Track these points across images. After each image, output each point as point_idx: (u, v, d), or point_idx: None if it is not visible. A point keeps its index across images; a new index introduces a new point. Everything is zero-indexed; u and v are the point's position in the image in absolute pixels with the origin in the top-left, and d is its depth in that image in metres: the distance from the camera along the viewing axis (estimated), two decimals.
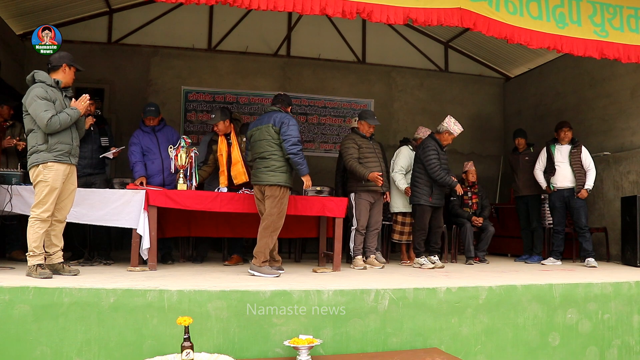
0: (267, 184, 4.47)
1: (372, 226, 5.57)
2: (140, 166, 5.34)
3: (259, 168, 4.54)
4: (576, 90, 7.78)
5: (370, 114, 5.70)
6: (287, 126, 4.47)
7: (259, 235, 4.48)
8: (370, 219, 5.53)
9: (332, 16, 4.59)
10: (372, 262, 5.49)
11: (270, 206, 4.45)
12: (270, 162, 4.48)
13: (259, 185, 4.56)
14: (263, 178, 4.48)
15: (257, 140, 4.60)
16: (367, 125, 5.58)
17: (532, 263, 6.32)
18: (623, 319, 4.20)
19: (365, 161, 5.45)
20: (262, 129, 4.57)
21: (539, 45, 5.01)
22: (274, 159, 4.49)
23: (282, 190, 4.48)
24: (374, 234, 5.61)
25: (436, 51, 9.39)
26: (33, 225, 3.84)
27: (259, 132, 4.59)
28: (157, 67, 8.24)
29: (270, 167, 4.48)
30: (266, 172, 4.48)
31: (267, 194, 4.49)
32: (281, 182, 4.46)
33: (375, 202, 5.56)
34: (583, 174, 6.14)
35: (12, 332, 3.17)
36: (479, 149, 9.24)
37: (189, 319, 3.00)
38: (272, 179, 4.46)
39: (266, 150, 4.51)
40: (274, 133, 4.50)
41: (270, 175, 4.46)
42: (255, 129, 4.65)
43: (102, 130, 5.36)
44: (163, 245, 5.27)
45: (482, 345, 3.80)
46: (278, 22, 8.58)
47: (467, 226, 6.40)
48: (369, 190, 5.45)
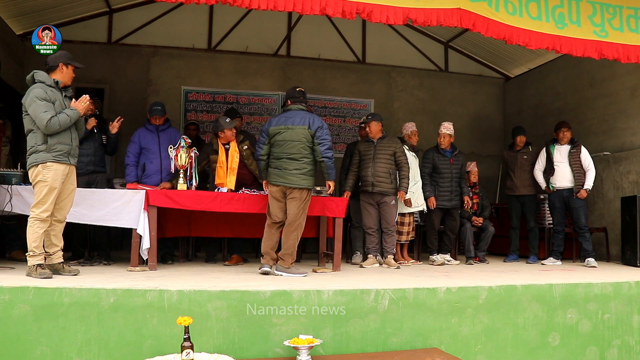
0: (297, 187, 4.45)
1: (382, 227, 5.66)
2: (131, 170, 5.37)
3: (286, 169, 4.46)
4: (576, 90, 7.78)
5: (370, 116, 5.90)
6: (322, 130, 4.49)
7: (285, 237, 4.49)
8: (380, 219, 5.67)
9: (332, 16, 4.59)
10: (388, 262, 5.56)
11: (297, 208, 4.46)
12: (302, 165, 4.46)
13: (283, 186, 4.49)
14: (293, 180, 4.44)
15: (287, 140, 4.48)
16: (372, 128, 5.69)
17: (532, 263, 6.32)
18: (623, 319, 4.20)
19: (362, 165, 5.70)
20: (295, 130, 4.47)
21: (537, 45, 5.01)
22: (307, 162, 4.48)
23: (309, 193, 4.55)
24: (389, 234, 5.65)
25: (436, 51, 9.39)
26: (33, 225, 3.84)
27: (290, 132, 4.48)
28: (157, 67, 8.24)
29: (302, 169, 4.46)
30: (297, 174, 4.44)
31: (293, 195, 4.47)
32: (310, 186, 4.52)
33: (381, 205, 5.61)
34: (582, 174, 6.13)
35: (12, 332, 3.17)
36: (478, 149, 9.23)
37: (189, 319, 3.00)
38: (303, 183, 4.46)
39: (300, 152, 4.47)
40: (310, 136, 4.47)
41: (302, 178, 4.45)
42: (284, 127, 4.50)
43: (102, 128, 5.35)
44: (163, 245, 5.27)
45: (482, 345, 3.80)
46: (278, 22, 8.58)
47: (467, 226, 6.40)
48: (365, 191, 5.66)
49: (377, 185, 5.56)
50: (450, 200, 6.08)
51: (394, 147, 5.66)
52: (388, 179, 5.57)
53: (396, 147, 5.67)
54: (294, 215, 4.47)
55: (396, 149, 5.66)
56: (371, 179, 5.57)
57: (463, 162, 6.31)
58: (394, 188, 5.62)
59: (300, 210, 4.48)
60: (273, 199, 4.57)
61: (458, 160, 6.21)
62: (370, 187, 5.58)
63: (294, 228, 4.48)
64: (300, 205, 4.47)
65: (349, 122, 8.82)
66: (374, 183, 5.56)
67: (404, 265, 5.80)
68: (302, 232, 4.55)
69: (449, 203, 6.08)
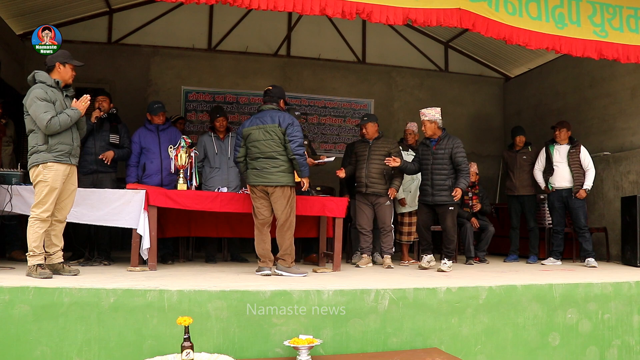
0: (277, 184, 4.45)
1: (379, 226, 5.66)
2: (132, 171, 5.38)
3: (265, 168, 4.47)
4: (576, 90, 7.78)
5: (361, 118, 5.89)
6: (293, 127, 4.47)
7: (280, 238, 4.50)
8: (375, 220, 5.67)
9: (332, 16, 4.59)
10: (384, 262, 5.57)
11: (283, 206, 4.46)
12: (279, 163, 4.46)
13: (264, 186, 4.50)
14: (272, 179, 4.45)
15: (260, 140, 4.51)
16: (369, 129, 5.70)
17: (532, 263, 6.32)
18: (623, 319, 4.20)
19: (357, 166, 5.70)
20: (266, 129, 4.50)
21: (537, 45, 5.01)
22: (282, 159, 4.47)
23: (292, 190, 4.53)
24: (384, 234, 5.66)
25: (436, 51, 9.39)
26: (33, 225, 3.84)
27: (260, 131, 4.51)
28: (157, 67, 8.24)
29: (279, 167, 4.45)
30: (275, 172, 4.45)
31: (276, 194, 4.47)
32: (290, 183, 4.50)
33: (376, 205, 5.61)
34: (582, 174, 6.12)
35: (12, 332, 3.17)
36: (478, 149, 9.23)
37: (189, 319, 3.00)
38: (283, 180, 4.45)
39: (274, 150, 4.47)
40: (281, 134, 4.47)
41: (280, 176, 4.45)
42: (255, 128, 4.54)
43: (114, 127, 5.31)
44: (163, 245, 5.27)
45: (482, 345, 3.80)
46: (278, 22, 8.58)
47: (467, 226, 6.39)
48: (359, 192, 5.68)
49: (370, 187, 5.57)
50: (432, 195, 5.22)
51: (389, 148, 5.66)
52: (382, 180, 5.56)
53: (391, 148, 5.67)
54: (283, 215, 4.47)
55: (391, 149, 5.65)
56: (365, 180, 5.58)
57: (453, 148, 5.20)
58: (388, 189, 5.62)
59: (288, 208, 4.48)
60: (256, 198, 4.56)
61: (441, 147, 5.25)
62: (364, 188, 5.59)
63: (286, 228, 4.49)
64: (286, 204, 4.47)
65: (349, 122, 8.82)
66: (368, 184, 5.57)
67: (402, 266, 5.80)
68: (294, 229, 4.55)
69: (431, 198, 5.23)
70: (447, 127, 5.65)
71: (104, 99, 5.26)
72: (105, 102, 5.25)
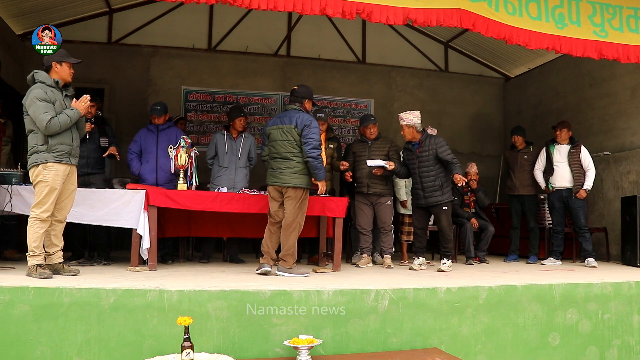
0: (289, 185, 4.45)
1: (379, 226, 5.66)
2: (134, 161, 5.47)
3: (280, 168, 4.48)
4: (576, 90, 7.78)
5: (364, 119, 5.87)
6: (309, 128, 4.44)
7: (284, 239, 4.49)
8: (375, 219, 5.67)
9: (332, 16, 4.59)
10: (384, 262, 5.58)
11: (293, 208, 4.45)
12: (293, 164, 4.45)
13: (278, 186, 4.50)
14: (285, 179, 4.45)
15: (277, 140, 4.51)
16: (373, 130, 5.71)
17: (532, 263, 6.32)
18: (623, 319, 4.20)
19: (357, 166, 5.69)
20: (283, 129, 4.49)
21: (537, 45, 5.01)
22: (297, 160, 4.46)
23: (305, 192, 4.51)
24: (384, 234, 5.66)
25: (436, 51, 9.40)
26: (33, 225, 3.84)
27: (279, 131, 4.51)
28: (157, 67, 8.24)
29: (293, 168, 4.45)
30: (289, 173, 4.45)
31: (288, 195, 4.47)
32: (304, 185, 4.47)
33: (376, 205, 5.62)
34: (582, 174, 6.12)
35: (12, 332, 3.17)
36: (478, 149, 9.24)
37: (189, 319, 3.00)
38: (295, 181, 4.44)
39: (289, 151, 4.46)
40: (297, 135, 4.45)
41: (293, 177, 4.44)
42: (275, 128, 4.55)
43: (102, 130, 5.38)
44: (163, 245, 5.27)
45: (482, 345, 3.80)
46: (278, 22, 8.58)
47: (467, 226, 6.39)
48: (360, 192, 5.67)
49: (372, 187, 5.58)
50: (424, 198, 5.20)
51: (387, 148, 5.67)
52: (383, 180, 5.57)
53: (390, 148, 5.68)
54: (291, 215, 4.46)
55: (389, 149, 5.66)
56: (366, 180, 5.58)
57: (437, 148, 5.15)
58: (389, 189, 5.65)
59: (297, 209, 4.46)
60: (271, 199, 4.59)
61: (424, 149, 5.20)
62: (366, 188, 5.59)
63: (292, 229, 4.47)
64: (297, 205, 4.46)
65: (349, 122, 8.82)
66: (369, 184, 5.57)
67: (401, 265, 5.81)
68: (300, 232, 4.54)
69: (424, 201, 5.22)
70: (447, 127, 5.66)
71: (92, 105, 5.26)
72: (94, 109, 5.27)
